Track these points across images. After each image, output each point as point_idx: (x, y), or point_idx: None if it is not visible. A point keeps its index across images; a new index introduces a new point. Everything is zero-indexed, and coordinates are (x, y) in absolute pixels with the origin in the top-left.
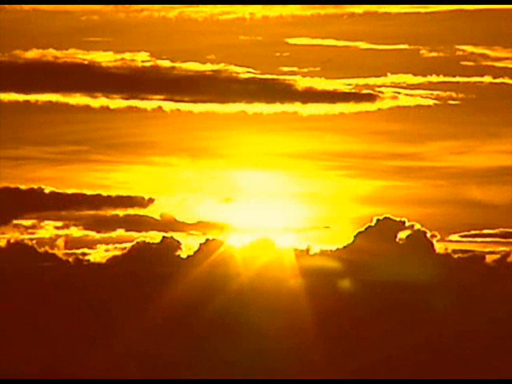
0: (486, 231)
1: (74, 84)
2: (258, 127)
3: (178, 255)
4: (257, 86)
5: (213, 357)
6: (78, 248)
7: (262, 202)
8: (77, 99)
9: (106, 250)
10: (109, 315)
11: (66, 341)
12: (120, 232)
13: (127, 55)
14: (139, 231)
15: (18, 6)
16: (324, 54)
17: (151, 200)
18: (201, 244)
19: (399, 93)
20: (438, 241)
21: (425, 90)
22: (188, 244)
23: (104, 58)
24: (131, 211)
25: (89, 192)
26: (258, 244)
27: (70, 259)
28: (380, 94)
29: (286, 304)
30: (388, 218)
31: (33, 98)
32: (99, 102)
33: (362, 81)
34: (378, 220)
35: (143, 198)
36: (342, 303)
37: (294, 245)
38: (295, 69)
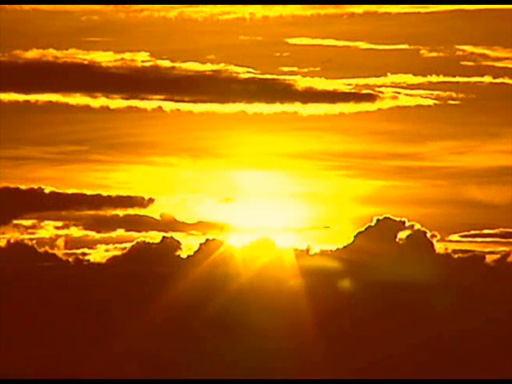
0: (486, 231)
1: (74, 84)
2: (258, 127)
3: (178, 255)
4: (257, 85)
5: (213, 357)
6: (77, 248)
7: (262, 202)
8: (77, 99)
9: (106, 250)
10: (109, 315)
11: (66, 341)
12: (120, 232)
13: (127, 55)
14: (139, 231)
15: (17, 6)
16: (324, 53)
17: (151, 200)
18: (201, 244)
19: (399, 93)
20: (438, 241)
21: (425, 90)
22: (188, 244)
23: (104, 58)
24: (131, 211)
25: (89, 192)
26: (258, 244)
27: (70, 259)
28: (380, 94)
29: (286, 304)
30: (388, 217)
31: (33, 98)
32: (99, 101)
33: (361, 81)
34: (378, 220)
35: (143, 198)
36: (342, 303)
37: (294, 245)
38: (295, 69)
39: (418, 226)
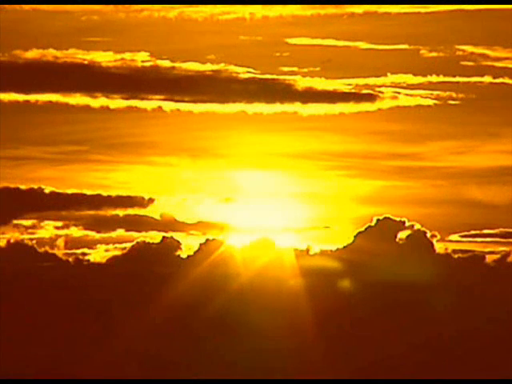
0: (486, 231)
1: (74, 84)
2: (258, 127)
3: (178, 255)
4: (257, 85)
5: (213, 357)
6: (78, 248)
7: (262, 202)
8: (77, 99)
9: (106, 250)
10: (109, 315)
11: (66, 341)
12: (120, 232)
13: (127, 55)
14: (139, 231)
15: (17, 6)
16: (324, 53)
17: (151, 200)
18: (201, 244)
19: (399, 93)
20: (438, 241)
21: (425, 90)
22: (188, 244)
23: (104, 58)
24: (131, 211)
25: (89, 192)
26: (258, 244)
27: (70, 259)
28: (380, 94)
29: (286, 304)
30: (388, 217)
31: (33, 98)
32: (99, 101)
33: (361, 81)
34: (378, 220)
35: (143, 198)
36: (342, 303)
37: (294, 245)
38: (295, 69)
39: (418, 226)
